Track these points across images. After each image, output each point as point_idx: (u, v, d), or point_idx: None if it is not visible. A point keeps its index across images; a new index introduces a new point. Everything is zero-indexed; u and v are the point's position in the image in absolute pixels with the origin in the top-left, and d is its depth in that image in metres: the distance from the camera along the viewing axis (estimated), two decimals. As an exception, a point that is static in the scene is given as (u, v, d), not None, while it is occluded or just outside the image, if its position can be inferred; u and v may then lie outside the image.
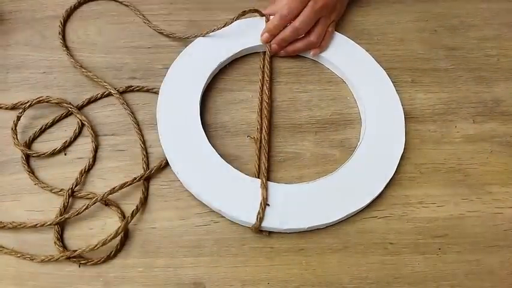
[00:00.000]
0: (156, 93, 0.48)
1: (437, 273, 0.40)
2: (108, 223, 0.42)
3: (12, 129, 0.46)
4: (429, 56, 0.53)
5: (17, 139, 0.45)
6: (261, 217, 0.41)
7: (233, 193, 0.42)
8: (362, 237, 0.42)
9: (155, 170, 0.44)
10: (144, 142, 0.46)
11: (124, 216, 0.42)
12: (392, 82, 0.50)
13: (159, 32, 0.53)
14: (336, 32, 0.53)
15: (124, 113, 0.48)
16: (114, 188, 0.42)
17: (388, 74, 0.50)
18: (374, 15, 0.57)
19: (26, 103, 0.47)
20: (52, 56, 0.52)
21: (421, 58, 0.53)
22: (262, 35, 0.51)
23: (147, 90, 0.50)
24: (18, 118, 0.46)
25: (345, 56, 0.52)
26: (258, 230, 0.41)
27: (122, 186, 0.42)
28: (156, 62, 0.52)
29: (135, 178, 0.43)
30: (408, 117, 0.48)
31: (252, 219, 0.41)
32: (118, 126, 0.48)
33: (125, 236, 0.41)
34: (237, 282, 0.40)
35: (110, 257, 0.40)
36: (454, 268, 0.40)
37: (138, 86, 0.50)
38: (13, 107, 0.48)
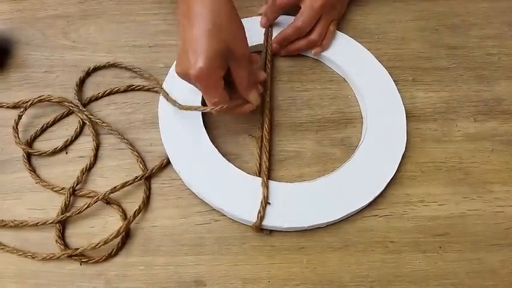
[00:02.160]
0: (158, 92, 0.48)
1: (438, 272, 0.40)
2: (110, 221, 0.42)
3: (13, 128, 0.46)
4: (430, 55, 0.53)
5: (19, 138, 0.46)
6: (261, 216, 0.41)
7: (234, 192, 0.42)
8: (363, 236, 0.42)
9: (156, 169, 0.44)
10: (132, 146, 0.46)
11: (125, 215, 0.42)
12: (394, 81, 0.50)
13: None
14: (337, 31, 0.53)
15: (125, 112, 0.48)
16: (115, 187, 0.42)
17: (389, 73, 0.50)
18: (375, 14, 0.57)
19: (27, 102, 0.47)
20: (53, 55, 0.53)
21: (422, 57, 0.53)
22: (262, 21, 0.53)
23: (148, 90, 0.50)
24: (20, 117, 0.46)
25: (346, 54, 0.52)
26: (259, 228, 0.41)
27: (123, 185, 0.42)
28: (157, 61, 0.52)
29: (136, 177, 0.43)
30: (409, 116, 0.48)
31: (253, 218, 0.41)
32: (119, 125, 0.48)
33: (126, 235, 0.41)
34: (238, 281, 0.40)
35: (111, 255, 0.40)
36: (454, 267, 0.40)
37: (139, 85, 0.50)
38: (14, 106, 0.48)
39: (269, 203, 0.42)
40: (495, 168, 0.46)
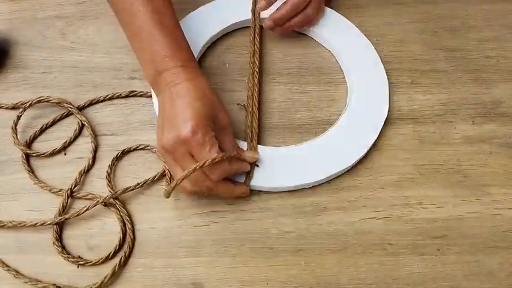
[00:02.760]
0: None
1: (436, 274, 0.40)
2: (108, 223, 0.42)
3: (12, 128, 0.46)
4: (429, 57, 0.53)
5: (17, 139, 0.46)
6: (250, 176, 0.42)
7: None
8: (361, 238, 0.42)
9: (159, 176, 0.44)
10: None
11: (122, 218, 0.42)
12: (392, 83, 0.50)
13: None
14: (331, 10, 0.55)
15: (124, 113, 0.48)
16: (116, 192, 0.42)
17: (387, 75, 0.50)
18: (374, 16, 0.57)
19: (26, 103, 0.47)
20: (52, 56, 0.53)
21: (420, 59, 0.53)
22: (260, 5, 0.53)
23: (150, 96, 0.49)
24: (19, 118, 0.46)
25: (336, 31, 0.54)
26: (248, 189, 0.42)
27: (124, 191, 0.42)
28: (156, 62, 0.52)
29: (138, 184, 0.43)
30: (407, 118, 0.48)
31: (241, 179, 0.42)
32: (117, 126, 0.48)
33: (124, 238, 0.41)
34: (236, 283, 0.40)
35: (108, 259, 0.40)
36: (453, 269, 0.40)
37: (141, 92, 0.49)
38: (13, 107, 0.48)
39: (257, 166, 0.43)
40: (493, 170, 0.46)
